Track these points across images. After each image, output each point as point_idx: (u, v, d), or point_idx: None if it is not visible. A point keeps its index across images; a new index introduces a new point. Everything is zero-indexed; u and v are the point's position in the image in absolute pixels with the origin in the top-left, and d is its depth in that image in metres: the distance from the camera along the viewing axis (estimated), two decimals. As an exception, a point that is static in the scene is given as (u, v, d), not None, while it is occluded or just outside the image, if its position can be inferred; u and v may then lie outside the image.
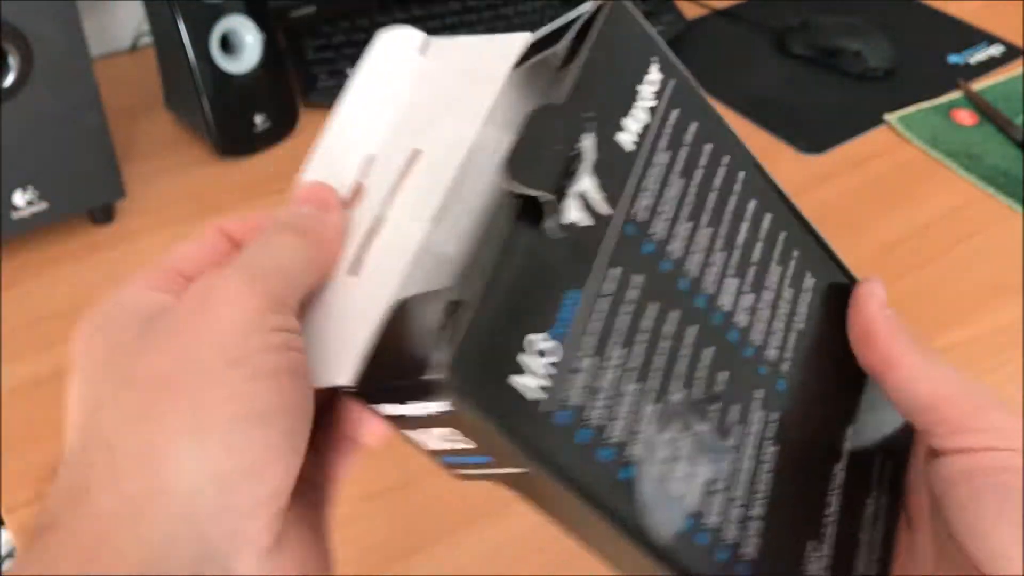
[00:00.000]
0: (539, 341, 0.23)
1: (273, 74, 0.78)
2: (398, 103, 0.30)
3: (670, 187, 0.27)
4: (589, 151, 0.25)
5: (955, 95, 0.85)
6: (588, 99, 0.25)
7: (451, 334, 0.22)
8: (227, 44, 0.75)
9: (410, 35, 0.31)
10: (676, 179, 0.27)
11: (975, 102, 0.84)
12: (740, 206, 0.29)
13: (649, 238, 0.26)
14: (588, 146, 0.25)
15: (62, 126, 0.66)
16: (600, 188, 0.25)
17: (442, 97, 0.29)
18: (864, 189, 0.76)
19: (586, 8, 0.27)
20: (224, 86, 0.75)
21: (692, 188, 0.28)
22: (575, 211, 0.24)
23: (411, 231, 0.26)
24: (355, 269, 0.27)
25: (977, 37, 0.93)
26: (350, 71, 0.85)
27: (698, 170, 0.28)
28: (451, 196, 0.26)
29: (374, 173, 0.29)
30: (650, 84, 0.27)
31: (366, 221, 0.28)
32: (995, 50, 0.91)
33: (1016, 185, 0.76)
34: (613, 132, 0.26)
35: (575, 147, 0.25)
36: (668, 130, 0.27)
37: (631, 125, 0.26)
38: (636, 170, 0.26)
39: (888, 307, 0.30)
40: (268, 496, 0.23)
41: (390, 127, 0.29)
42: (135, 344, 0.24)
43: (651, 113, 0.27)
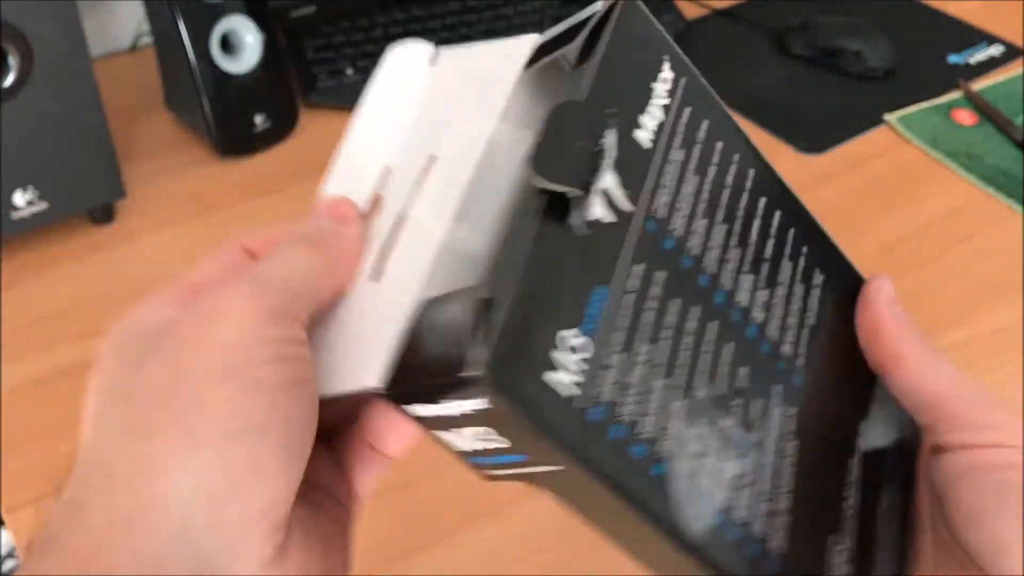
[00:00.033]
0: (570, 337, 0.23)
1: (273, 74, 0.78)
2: (411, 114, 0.30)
3: (686, 184, 0.27)
4: (611, 148, 0.25)
5: (955, 95, 0.85)
6: (607, 96, 0.25)
7: (486, 331, 0.22)
8: (227, 44, 0.75)
9: (420, 48, 0.31)
10: (691, 176, 0.27)
11: (975, 102, 0.84)
12: (752, 203, 0.29)
13: (669, 235, 0.26)
14: (610, 142, 0.25)
15: (62, 126, 0.66)
16: (621, 185, 0.25)
17: (454, 102, 0.29)
18: (864, 189, 0.76)
19: (597, 8, 0.27)
20: (224, 86, 0.75)
21: (706, 185, 0.28)
22: (599, 207, 0.24)
23: (432, 231, 0.26)
24: (377, 274, 0.27)
25: (977, 37, 0.93)
26: (350, 71, 0.85)
27: (711, 167, 0.28)
28: (471, 195, 0.26)
29: (391, 183, 0.29)
30: (664, 82, 0.27)
31: (386, 228, 0.28)
32: (995, 50, 0.91)
33: (1016, 185, 0.76)
34: (632, 129, 0.26)
35: (599, 143, 0.25)
36: (682, 128, 0.27)
37: (648, 122, 0.26)
38: (654, 167, 0.26)
39: (897, 304, 0.31)
40: (263, 509, 0.23)
41: (405, 137, 0.29)
42: (138, 360, 0.24)
43: (665, 111, 0.27)
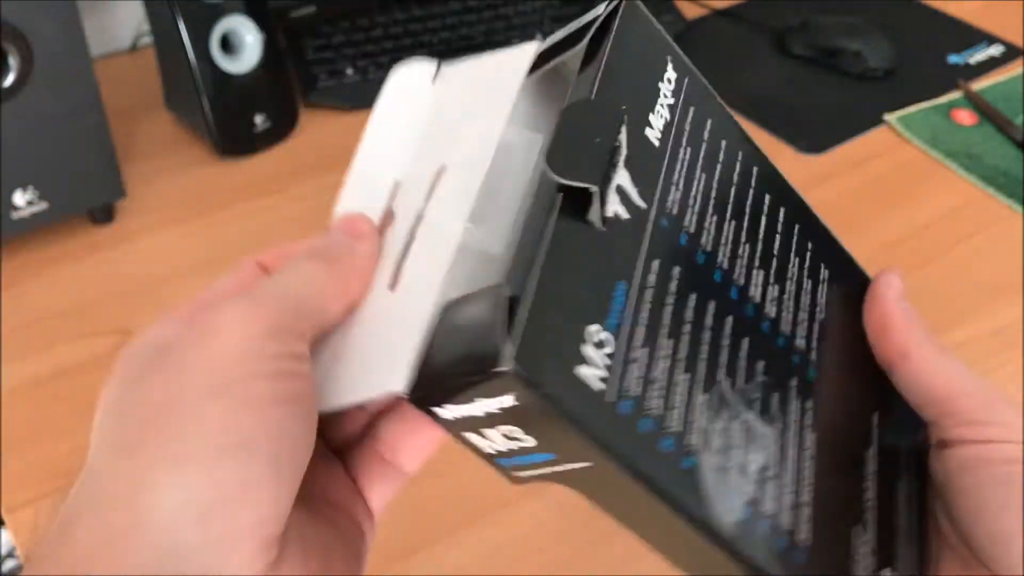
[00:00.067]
0: (597, 332, 0.23)
1: (273, 74, 0.78)
2: (418, 129, 0.30)
3: (695, 181, 0.27)
4: (623, 145, 0.25)
5: (955, 95, 0.85)
6: (617, 94, 0.26)
7: (514, 327, 0.22)
8: (227, 44, 0.75)
9: (423, 66, 0.31)
10: (700, 174, 0.27)
11: (975, 102, 0.84)
12: (758, 199, 0.29)
13: (683, 231, 0.26)
14: (623, 140, 0.25)
15: (62, 126, 0.66)
16: (633, 182, 0.25)
17: (460, 113, 0.29)
18: (864, 189, 0.76)
19: (597, 12, 0.27)
20: (224, 86, 0.75)
21: (714, 183, 0.28)
22: (615, 204, 0.25)
23: (448, 234, 0.26)
24: (393, 282, 0.27)
25: (977, 37, 0.93)
26: (350, 71, 0.85)
27: (718, 165, 0.28)
28: (485, 196, 0.26)
29: (402, 196, 0.29)
30: (668, 82, 0.27)
31: (400, 239, 0.28)
32: (995, 50, 0.91)
33: (1016, 185, 0.76)
34: (642, 127, 0.26)
35: (615, 139, 0.25)
36: (687, 126, 0.28)
37: (656, 121, 0.27)
38: (664, 165, 0.26)
39: (905, 300, 0.31)
40: (253, 524, 0.23)
41: (413, 151, 0.29)
42: (140, 377, 0.24)
43: (671, 110, 0.27)
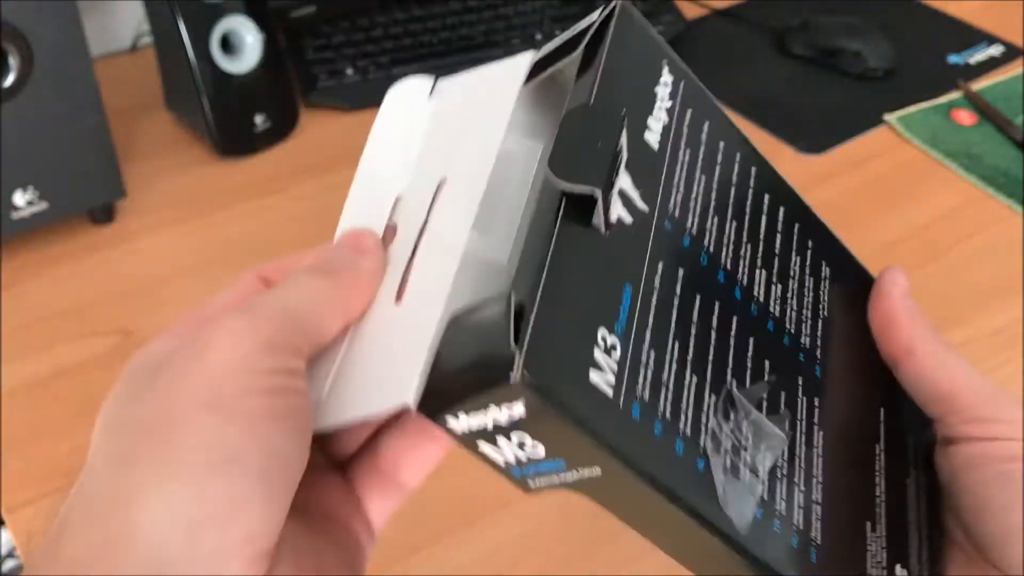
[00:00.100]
0: (606, 336, 0.23)
1: (273, 74, 0.78)
2: (416, 144, 0.30)
3: (696, 184, 0.27)
4: (624, 149, 0.25)
5: (955, 95, 0.85)
6: (615, 100, 0.26)
7: (521, 335, 0.21)
8: (227, 44, 0.75)
9: (419, 82, 0.31)
10: (700, 176, 0.28)
11: (975, 102, 0.84)
12: (757, 200, 0.29)
13: (686, 233, 0.26)
14: (623, 144, 0.25)
15: (62, 126, 0.66)
16: (635, 186, 0.25)
17: (458, 126, 0.29)
18: (864, 189, 0.76)
19: (591, 19, 0.27)
20: (224, 86, 0.75)
21: (714, 184, 0.28)
22: (619, 208, 0.25)
23: (452, 244, 0.26)
24: (398, 295, 0.27)
25: (977, 37, 0.93)
26: (350, 71, 0.85)
27: (717, 167, 0.28)
28: (487, 205, 0.26)
29: (404, 211, 0.29)
30: (665, 85, 0.28)
31: (405, 253, 0.28)
32: (995, 50, 0.91)
33: (1016, 185, 0.76)
34: (642, 132, 0.26)
35: (616, 144, 0.25)
36: (686, 129, 0.28)
37: (654, 125, 0.27)
38: (664, 168, 0.27)
39: (910, 297, 0.31)
40: (242, 540, 0.23)
41: (413, 166, 0.29)
42: (137, 392, 0.24)
43: (669, 114, 0.27)
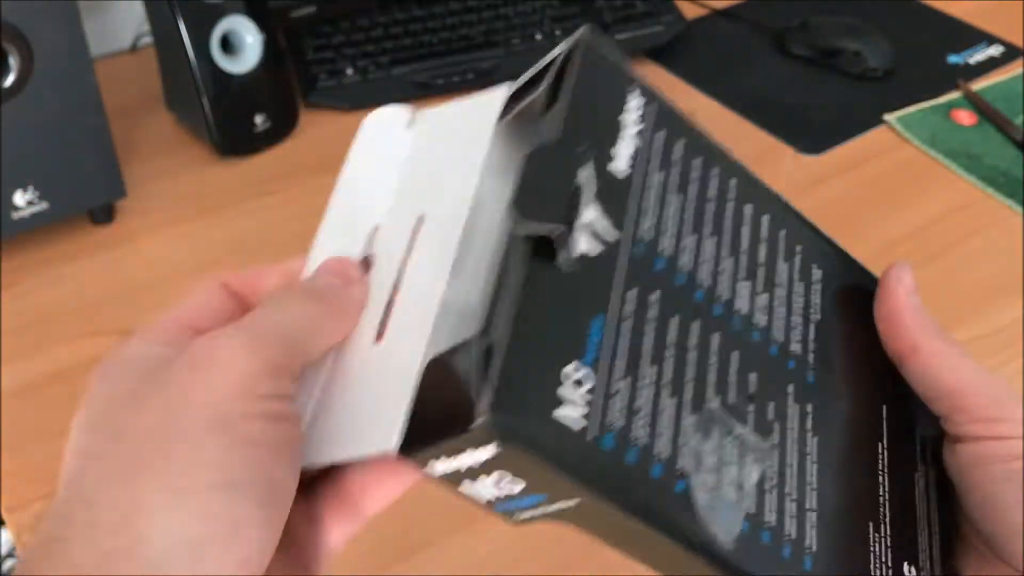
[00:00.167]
0: (573, 372, 0.23)
1: (273, 74, 0.78)
2: (393, 176, 0.30)
3: (669, 204, 0.28)
4: (588, 183, 0.26)
5: (955, 95, 0.85)
6: (578, 135, 0.26)
7: (488, 378, 0.22)
8: (227, 44, 0.75)
9: (397, 112, 0.31)
10: (673, 196, 0.28)
11: (975, 102, 0.84)
12: (738, 212, 0.30)
13: (659, 255, 0.27)
14: (586, 178, 0.26)
15: (62, 126, 0.66)
16: (604, 215, 0.26)
17: (436, 161, 0.30)
18: (864, 189, 0.76)
19: (559, 51, 0.28)
20: (224, 86, 0.75)
21: (690, 202, 0.28)
22: (585, 242, 0.25)
23: (430, 291, 0.26)
24: (377, 337, 0.27)
25: (977, 37, 0.93)
26: (350, 71, 0.85)
27: (692, 184, 0.29)
28: (463, 250, 0.27)
29: (381, 242, 0.29)
30: (632, 111, 0.28)
31: (383, 289, 0.28)
32: (995, 50, 0.91)
33: (1016, 185, 0.76)
34: (606, 162, 0.27)
35: (574, 181, 0.25)
36: (658, 152, 0.28)
37: (622, 152, 0.27)
38: (634, 193, 0.27)
39: (916, 294, 0.31)
40: (239, 563, 0.23)
41: (390, 198, 0.30)
42: (130, 397, 0.24)
43: (639, 138, 0.28)
